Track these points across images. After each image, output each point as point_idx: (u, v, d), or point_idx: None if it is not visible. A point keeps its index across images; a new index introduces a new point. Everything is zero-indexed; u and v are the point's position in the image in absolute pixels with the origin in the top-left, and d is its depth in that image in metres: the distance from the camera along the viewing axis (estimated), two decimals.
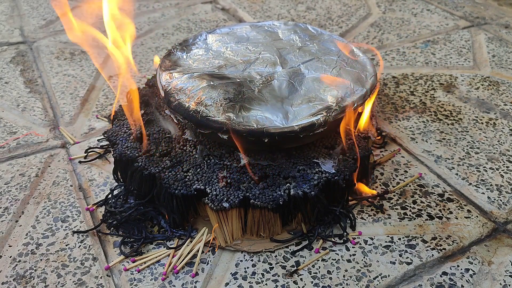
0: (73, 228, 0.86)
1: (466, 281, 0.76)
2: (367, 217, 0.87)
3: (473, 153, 1.01)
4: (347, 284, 0.76)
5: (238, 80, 0.88)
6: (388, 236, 0.83)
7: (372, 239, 0.83)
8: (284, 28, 1.06)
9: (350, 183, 0.85)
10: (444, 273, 0.78)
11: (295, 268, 0.78)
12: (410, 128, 1.08)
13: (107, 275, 0.78)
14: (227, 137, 0.80)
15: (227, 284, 0.76)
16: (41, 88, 1.25)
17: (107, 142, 1.03)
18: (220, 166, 0.83)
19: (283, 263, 0.79)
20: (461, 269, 0.78)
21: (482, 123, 1.09)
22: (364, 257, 0.80)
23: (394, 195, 0.91)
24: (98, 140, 1.05)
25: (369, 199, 0.89)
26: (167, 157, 0.85)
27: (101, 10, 0.87)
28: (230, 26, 1.08)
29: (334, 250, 0.81)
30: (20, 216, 0.89)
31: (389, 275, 0.77)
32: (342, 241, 0.82)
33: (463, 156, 1.00)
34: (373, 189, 0.92)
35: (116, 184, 0.92)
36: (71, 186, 0.95)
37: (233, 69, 0.92)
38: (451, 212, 0.88)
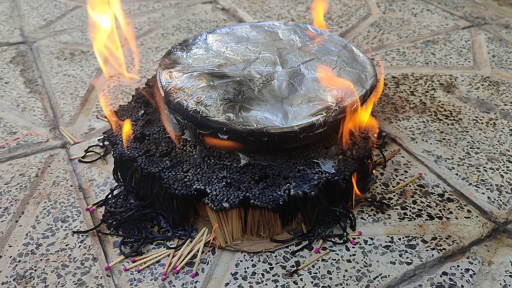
0: (73, 228, 0.86)
1: (466, 281, 0.76)
2: (367, 217, 0.87)
3: (473, 153, 1.01)
4: (347, 284, 0.76)
5: (238, 79, 0.88)
6: (388, 236, 0.84)
7: (372, 239, 0.83)
8: (284, 28, 1.06)
9: (351, 184, 0.85)
10: (444, 273, 0.78)
11: (295, 268, 0.78)
12: (410, 128, 1.08)
13: (107, 275, 0.78)
14: (227, 138, 0.80)
15: (227, 284, 0.76)
16: (41, 88, 1.25)
17: (107, 142, 1.03)
18: (220, 166, 0.83)
19: (283, 263, 0.79)
20: (461, 269, 0.78)
21: (482, 123, 1.09)
22: (364, 257, 0.80)
23: (394, 195, 0.91)
24: (98, 139, 1.05)
25: (369, 199, 0.89)
26: (167, 157, 0.85)
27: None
28: (230, 26, 1.08)
29: (334, 250, 0.81)
30: (20, 216, 0.89)
31: (389, 275, 0.77)
32: (342, 241, 0.82)
33: (463, 156, 1.00)
34: (373, 189, 0.92)
35: (116, 184, 0.92)
36: (71, 186, 0.95)
37: (233, 67, 0.92)
38: (451, 212, 0.88)
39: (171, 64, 0.94)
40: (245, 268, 0.79)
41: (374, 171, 0.95)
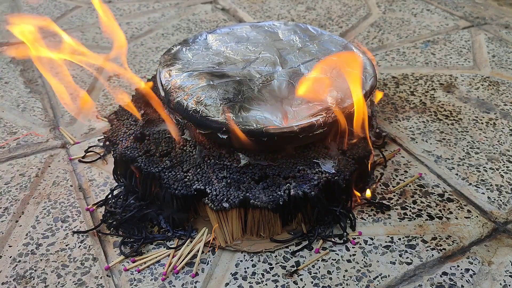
0: (73, 228, 0.86)
1: (466, 281, 0.76)
2: (367, 217, 0.87)
3: (473, 153, 1.01)
4: (347, 284, 0.76)
5: (237, 78, 0.89)
6: (388, 236, 0.83)
7: (372, 239, 0.83)
8: (284, 29, 1.06)
9: (351, 184, 0.85)
10: (444, 273, 0.78)
11: (295, 268, 0.78)
12: (410, 128, 1.08)
13: (107, 275, 0.78)
14: (226, 137, 0.80)
15: (227, 284, 0.76)
16: (41, 88, 1.25)
17: (107, 142, 1.03)
18: (220, 166, 0.83)
19: (283, 263, 0.79)
20: (461, 269, 0.78)
21: (482, 123, 1.09)
22: (364, 257, 0.80)
23: (394, 195, 0.91)
24: (98, 139, 1.05)
25: (370, 200, 0.89)
26: (167, 157, 0.85)
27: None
28: (230, 26, 1.09)
29: (334, 250, 0.81)
30: (20, 216, 0.89)
31: (389, 275, 0.77)
32: (342, 241, 0.82)
33: (463, 156, 1.00)
34: (373, 189, 0.92)
35: (116, 184, 0.92)
36: (71, 186, 0.95)
37: (233, 66, 0.92)
38: (451, 212, 0.88)
39: (170, 60, 0.94)
40: (245, 268, 0.79)
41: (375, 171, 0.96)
